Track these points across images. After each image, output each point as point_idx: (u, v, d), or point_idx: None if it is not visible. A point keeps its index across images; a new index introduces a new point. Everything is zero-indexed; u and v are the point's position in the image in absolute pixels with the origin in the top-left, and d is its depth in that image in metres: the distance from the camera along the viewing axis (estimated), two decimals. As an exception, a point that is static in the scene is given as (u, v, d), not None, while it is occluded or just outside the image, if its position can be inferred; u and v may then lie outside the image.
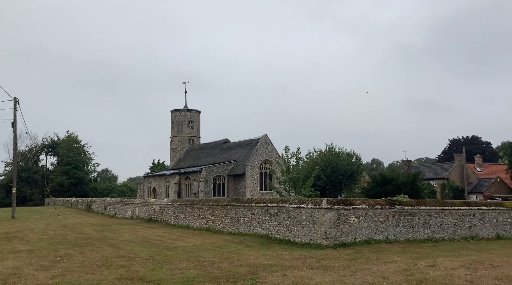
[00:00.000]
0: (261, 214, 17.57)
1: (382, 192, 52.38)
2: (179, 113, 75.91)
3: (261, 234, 17.39)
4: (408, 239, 15.57)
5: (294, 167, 33.13)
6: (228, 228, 19.98)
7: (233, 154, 62.81)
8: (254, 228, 17.96)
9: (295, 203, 15.51)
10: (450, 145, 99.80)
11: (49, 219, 34.98)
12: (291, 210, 15.70)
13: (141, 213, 30.97)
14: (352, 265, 10.71)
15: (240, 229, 18.96)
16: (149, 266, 11.13)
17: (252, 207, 18.17)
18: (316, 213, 14.46)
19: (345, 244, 14.28)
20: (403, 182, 53.58)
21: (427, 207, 16.18)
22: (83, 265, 11.45)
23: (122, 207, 35.19)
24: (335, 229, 14.20)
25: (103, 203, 40.89)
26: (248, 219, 18.45)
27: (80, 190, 78.44)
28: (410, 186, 53.33)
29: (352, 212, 14.62)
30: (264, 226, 17.33)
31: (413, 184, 54.11)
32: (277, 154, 60.14)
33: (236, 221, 19.34)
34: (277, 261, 11.60)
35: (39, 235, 21.60)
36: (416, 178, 55.06)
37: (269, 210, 17.01)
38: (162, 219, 27.46)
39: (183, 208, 24.67)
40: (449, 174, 71.62)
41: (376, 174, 58.79)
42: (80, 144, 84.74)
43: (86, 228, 25.42)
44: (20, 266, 11.50)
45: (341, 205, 14.43)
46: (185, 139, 75.80)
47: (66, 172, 77.57)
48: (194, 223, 23.14)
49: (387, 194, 52.21)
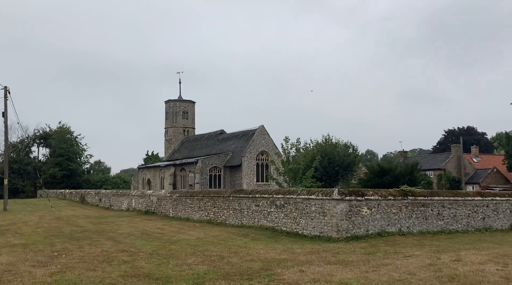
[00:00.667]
0: (266, 205, 16.87)
1: (380, 182, 52.06)
2: (173, 104, 74.81)
3: (267, 226, 16.71)
4: (421, 231, 14.97)
5: (294, 158, 32.39)
6: (230, 220, 19.28)
7: (229, 145, 62.04)
8: (259, 220, 17.27)
9: (303, 194, 14.81)
10: (445, 135, 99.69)
11: (42, 211, 34.11)
12: (299, 202, 15.01)
13: (138, 205, 30.19)
14: (372, 260, 10.05)
15: (244, 221, 18.27)
16: (154, 262, 10.41)
17: (257, 198, 17.46)
18: (326, 204, 13.78)
19: (357, 236, 13.64)
20: (401, 172, 53.20)
21: (441, 197, 15.57)
22: (83, 261, 10.70)
23: (117, 199, 34.38)
24: (346, 221, 13.54)
25: (98, 195, 40.03)
26: (252, 210, 17.75)
27: (73, 181, 77.26)
28: (408, 176, 52.96)
29: (364, 203, 13.96)
30: (269, 218, 16.64)
31: (411, 174, 53.75)
32: (273, 145, 59.48)
33: (240, 213, 18.63)
34: (290, 256, 10.92)
35: (33, 228, 20.78)
36: (414, 168, 54.67)
37: (275, 202, 16.31)
38: (160, 211, 26.72)
39: (182, 199, 23.93)
40: (446, 165, 71.38)
41: (374, 164, 58.37)
42: (72, 135, 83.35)
43: (81, 221, 24.62)
44: (15, 262, 10.73)
45: (353, 196, 13.76)
46: (179, 131, 74.80)
47: (58, 163, 76.30)
48: (194, 215, 22.42)
49: (385, 185, 52.00)
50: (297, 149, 33.74)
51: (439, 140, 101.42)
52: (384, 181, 52.19)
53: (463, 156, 74.01)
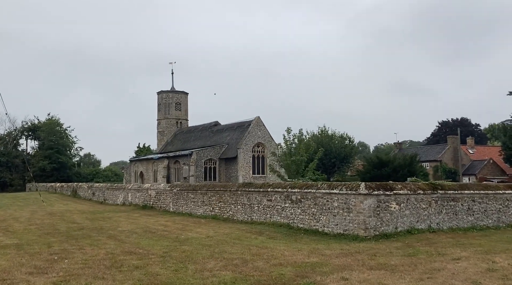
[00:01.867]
0: (279, 200, 15.66)
1: (379, 174, 51.26)
2: (166, 95, 73.11)
3: (280, 223, 15.50)
4: (451, 227, 13.88)
5: (296, 149, 31.16)
6: (238, 215, 18.05)
7: (224, 137, 60.67)
8: (272, 216, 16.05)
9: (323, 188, 13.60)
10: (439, 127, 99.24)
11: (33, 205, 32.61)
12: (319, 196, 13.80)
13: (135, 199, 28.83)
14: (418, 264, 8.90)
15: (254, 217, 17.04)
16: (170, 267, 9.15)
17: (269, 193, 16.23)
18: (352, 200, 12.60)
19: (386, 234, 12.48)
20: (400, 164, 52.38)
21: (471, 191, 14.48)
22: (88, 266, 9.40)
23: (112, 193, 32.96)
24: (374, 218, 12.38)
25: (91, 188, 38.54)
26: (264, 206, 16.52)
27: (63, 174, 75.40)
28: (407, 168, 52.21)
29: (393, 198, 12.80)
30: (283, 214, 15.43)
31: (410, 166, 52.97)
32: (270, 137, 58.26)
33: (249, 208, 17.40)
34: (321, 259, 9.73)
35: (25, 224, 19.39)
36: (413, 160, 53.88)
37: (290, 196, 15.10)
38: (159, 206, 25.41)
39: (184, 193, 22.63)
40: (442, 156, 70.75)
41: (372, 156, 57.54)
42: (62, 127, 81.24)
43: (76, 216, 23.24)
44: (9, 267, 9.40)
45: (381, 190, 12.58)
46: (172, 122, 73.19)
47: (48, 156, 74.32)
48: (198, 210, 21.16)
49: (383, 176, 51.17)
50: (300, 140, 32.55)
51: (433, 132, 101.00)
52: (383, 173, 51.35)
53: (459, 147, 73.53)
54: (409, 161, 52.79)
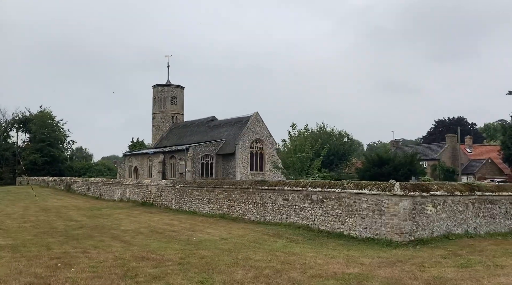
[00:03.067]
0: (298, 200, 14.47)
1: (379, 172, 50.29)
2: (161, 88, 71.53)
3: (299, 224, 14.31)
4: (488, 232, 12.79)
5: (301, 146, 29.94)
6: (250, 215, 16.85)
7: (221, 132, 59.29)
8: (288, 217, 14.86)
9: (350, 187, 12.43)
10: (435, 125, 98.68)
11: (25, 200, 31.17)
12: (345, 197, 12.63)
13: (133, 195, 27.51)
14: (480, 278, 7.78)
15: (268, 217, 15.85)
16: (193, 278, 7.94)
17: (285, 192, 15.03)
18: (384, 201, 11.44)
19: (422, 240, 11.32)
20: (400, 162, 51.47)
21: (509, 193, 13.40)
22: (97, 275, 8.16)
23: (109, 188, 31.60)
24: (410, 222, 11.23)
25: (86, 183, 37.12)
26: (279, 205, 15.33)
27: (55, 168, 73.60)
28: (408, 166, 51.31)
29: (429, 200, 11.66)
30: (302, 215, 14.24)
31: (411, 164, 52.07)
32: (268, 133, 57.05)
33: (262, 208, 16.20)
34: (363, 269, 8.57)
35: (19, 222, 18.05)
36: (414, 158, 52.97)
37: (310, 196, 13.92)
38: (160, 203, 24.14)
39: (188, 190, 21.39)
40: (440, 155, 70.00)
41: (372, 154, 56.54)
42: (54, 120, 79.40)
43: (73, 213, 21.92)
44: (5, 276, 8.14)
45: (417, 190, 11.42)
46: (168, 117, 71.65)
47: (39, 149, 72.50)
48: (203, 208, 19.93)
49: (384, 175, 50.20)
50: (305, 136, 31.38)
51: (429, 130, 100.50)
52: (383, 171, 50.38)
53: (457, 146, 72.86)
54: (410, 159, 51.87)
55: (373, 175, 49.14)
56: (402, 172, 49.52)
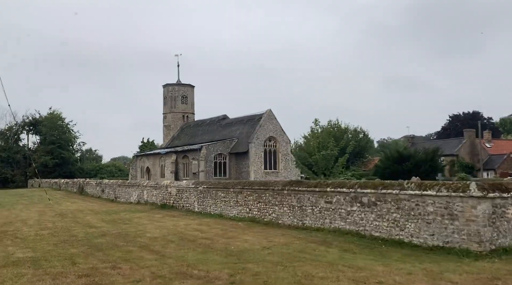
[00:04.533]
0: (344, 202, 13.09)
1: (400, 170, 48.60)
2: (172, 88, 70.47)
3: (346, 230, 12.92)
4: None
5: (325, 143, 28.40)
6: (285, 219, 15.51)
7: (233, 131, 58.04)
8: (332, 222, 13.49)
9: (411, 188, 11.03)
10: (450, 120, 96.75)
11: (39, 204, 30.11)
12: (404, 199, 11.23)
13: (151, 197, 26.29)
14: None
15: (307, 221, 14.49)
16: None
17: (328, 193, 13.66)
18: (457, 204, 10.01)
19: (505, 249, 9.80)
20: (421, 159, 49.83)
21: None
22: (138, 299, 6.87)
23: (124, 190, 30.42)
24: (490, 228, 9.76)
25: (100, 185, 35.98)
26: (321, 208, 13.96)
27: (65, 170, 72.83)
28: (429, 163, 49.69)
29: (510, 202, 10.23)
30: (350, 219, 12.86)
31: (432, 160, 50.47)
32: (282, 131, 55.75)
33: (300, 211, 14.84)
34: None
35: (36, 229, 16.87)
36: (435, 154, 51.34)
37: (360, 198, 12.54)
38: (181, 205, 22.88)
39: (212, 192, 20.09)
40: (459, 150, 68.17)
41: (392, 150, 54.96)
42: (64, 122, 78.63)
43: (90, 218, 20.72)
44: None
45: (496, 191, 9.97)
46: (178, 116, 70.57)
47: (50, 151, 71.75)
48: (230, 211, 18.63)
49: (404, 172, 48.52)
50: (329, 133, 29.89)
51: (443, 126, 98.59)
52: (404, 168, 48.80)
53: (476, 141, 71.04)
54: (431, 155, 50.28)
55: (393, 172, 47.54)
56: (423, 169, 47.96)
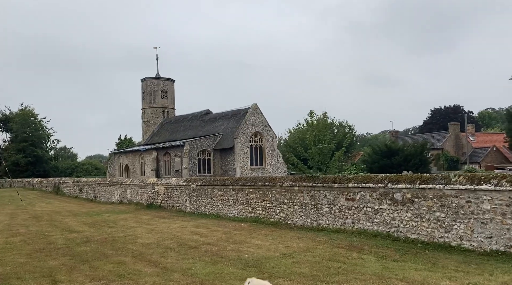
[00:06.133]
0: (370, 200, 11.28)
1: (389, 164, 47.50)
2: (151, 82, 67.71)
3: (373, 231, 11.11)
4: None
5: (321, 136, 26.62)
6: (295, 219, 13.64)
7: (217, 126, 55.86)
8: (355, 222, 11.66)
9: (460, 182, 9.25)
10: (431, 114, 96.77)
11: (10, 206, 27.52)
12: (450, 195, 9.48)
13: (136, 196, 24.09)
14: None
15: (323, 222, 12.64)
16: None
17: (350, 189, 11.83)
18: (523, 200, 8.35)
19: None
20: (411, 152, 48.82)
21: None
22: None
23: (105, 189, 28.07)
24: None
25: (77, 184, 33.47)
26: (340, 207, 12.12)
27: (39, 169, 69.37)
28: (418, 157, 48.73)
29: None
30: (378, 219, 11.05)
31: (421, 154, 49.52)
32: (268, 126, 53.85)
33: (314, 210, 12.98)
34: None
35: (6, 235, 14.60)
36: (424, 147, 50.41)
37: (391, 194, 10.74)
38: (170, 204, 20.81)
39: (207, 190, 18.08)
40: (444, 144, 67.66)
41: (380, 145, 53.73)
42: (36, 118, 74.97)
43: (70, 220, 18.47)
44: None
45: None
46: (158, 112, 67.90)
47: (22, 149, 68.16)
48: (229, 211, 16.67)
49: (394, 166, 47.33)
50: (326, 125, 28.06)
51: (425, 120, 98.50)
52: (393, 162, 47.69)
53: (461, 134, 70.71)
54: (421, 149, 49.31)
55: (382, 167, 46.38)
56: (413, 163, 46.93)
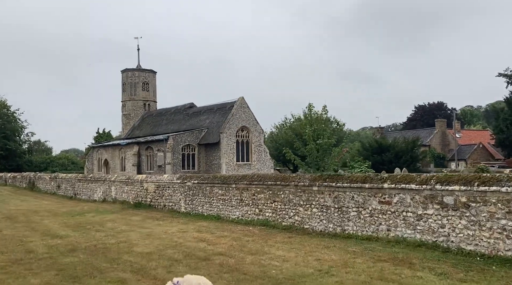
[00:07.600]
0: (412, 203, 9.61)
1: (380, 160, 46.46)
2: (131, 73, 65.07)
3: (415, 240, 9.42)
4: None
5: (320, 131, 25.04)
6: (314, 223, 11.90)
7: (202, 120, 53.80)
8: (392, 229, 9.98)
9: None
10: (415, 111, 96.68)
11: (-20, 204, 25.08)
12: (523, 197, 7.91)
13: (121, 194, 22.03)
14: None
15: (349, 227, 10.92)
16: None
17: (384, 190, 10.15)
18: None
19: None
20: (402, 149, 47.86)
21: None
22: None
23: (86, 186, 25.87)
24: None
25: (55, 180, 31.08)
26: (372, 211, 10.42)
27: (12, 163, 65.96)
28: (409, 153, 47.82)
29: None
30: (422, 226, 9.38)
31: (412, 151, 48.61)
32: (255, 120, 52.07)
33: (338, 214, 11.26)
34: None
35: (-25, 241, 12.44)
36: (415, 144, 49.49)
37: (440, 197, 9.09)
38: (161, 204, 18.86)
39: (206, 188, 16.20)
40: (431, 141, 67.12)
41: (371, 141, 52.55)
42: (9, 110, 71.44)
43: (50, 221, 16.37)
44: None
45: None
46: (139, 104, 65.33)
47: (-7, 142, 64.80)
48: (232, 212, 14.85)
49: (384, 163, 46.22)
50: (325, 120, 26.52)
51: (409, 117, 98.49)
52: (384, 159, 46.65)
53: (447, 131, 70.33)
54: (412, 145, 48.37)
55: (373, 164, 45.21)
56: (404, 159, 45.97)
